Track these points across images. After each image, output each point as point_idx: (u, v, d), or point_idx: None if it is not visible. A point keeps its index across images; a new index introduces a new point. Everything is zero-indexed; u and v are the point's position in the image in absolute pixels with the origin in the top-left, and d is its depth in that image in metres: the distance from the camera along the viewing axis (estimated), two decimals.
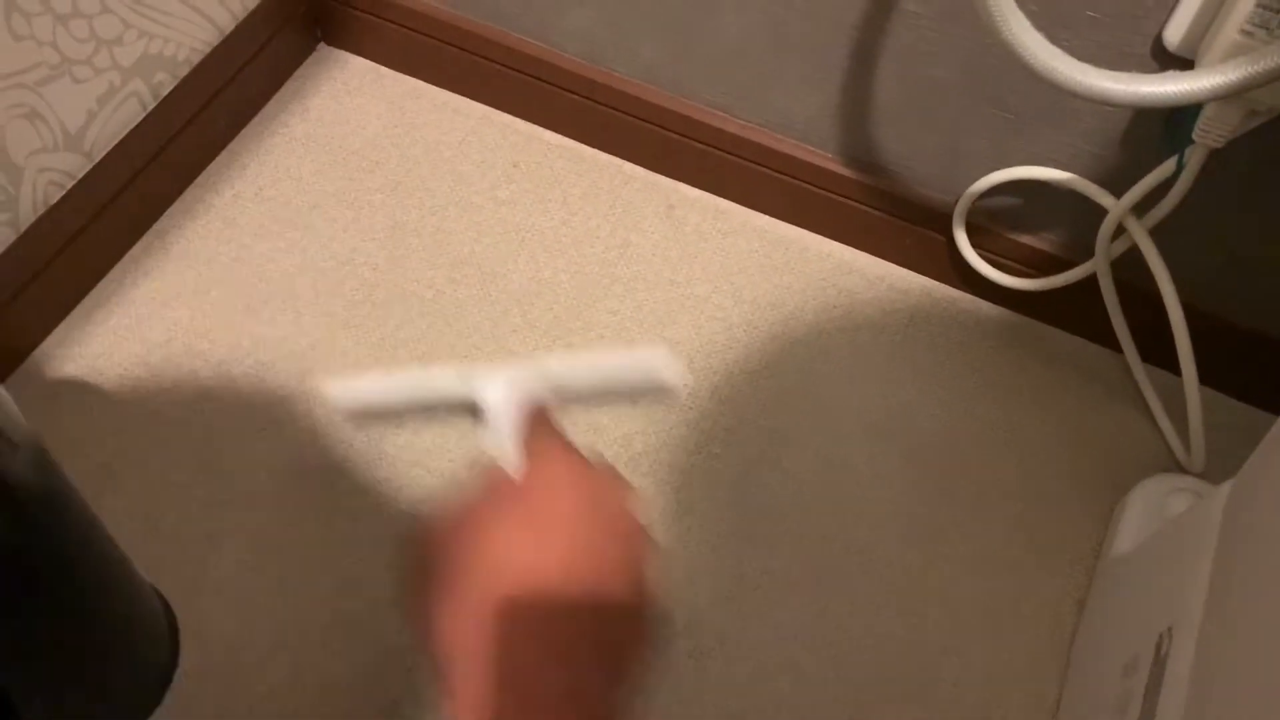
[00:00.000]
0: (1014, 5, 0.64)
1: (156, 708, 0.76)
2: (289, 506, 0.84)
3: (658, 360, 0.47)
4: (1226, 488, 0.67)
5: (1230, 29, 0.66)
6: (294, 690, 0.77)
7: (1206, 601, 0.63)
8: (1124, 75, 0.65)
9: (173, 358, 0.90)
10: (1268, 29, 0.65)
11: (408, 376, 0.47)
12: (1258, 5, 0.64)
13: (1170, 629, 0.66)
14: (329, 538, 0.83)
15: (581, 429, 0.89)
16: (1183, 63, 0.74)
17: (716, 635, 0.81)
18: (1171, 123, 0.77)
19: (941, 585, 0.85)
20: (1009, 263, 0.95)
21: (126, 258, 0.95)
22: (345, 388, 0.46)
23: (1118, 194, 0.83)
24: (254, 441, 0.87)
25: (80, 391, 0.88)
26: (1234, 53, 0.66)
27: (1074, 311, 0.97)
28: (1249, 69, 0.62)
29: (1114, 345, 0.95)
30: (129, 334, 0.91)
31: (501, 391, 0.45)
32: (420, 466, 0.87)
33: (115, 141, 0.90)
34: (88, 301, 0.92)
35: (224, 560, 0.82)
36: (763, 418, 0.92)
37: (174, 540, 0.82)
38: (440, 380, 0.46)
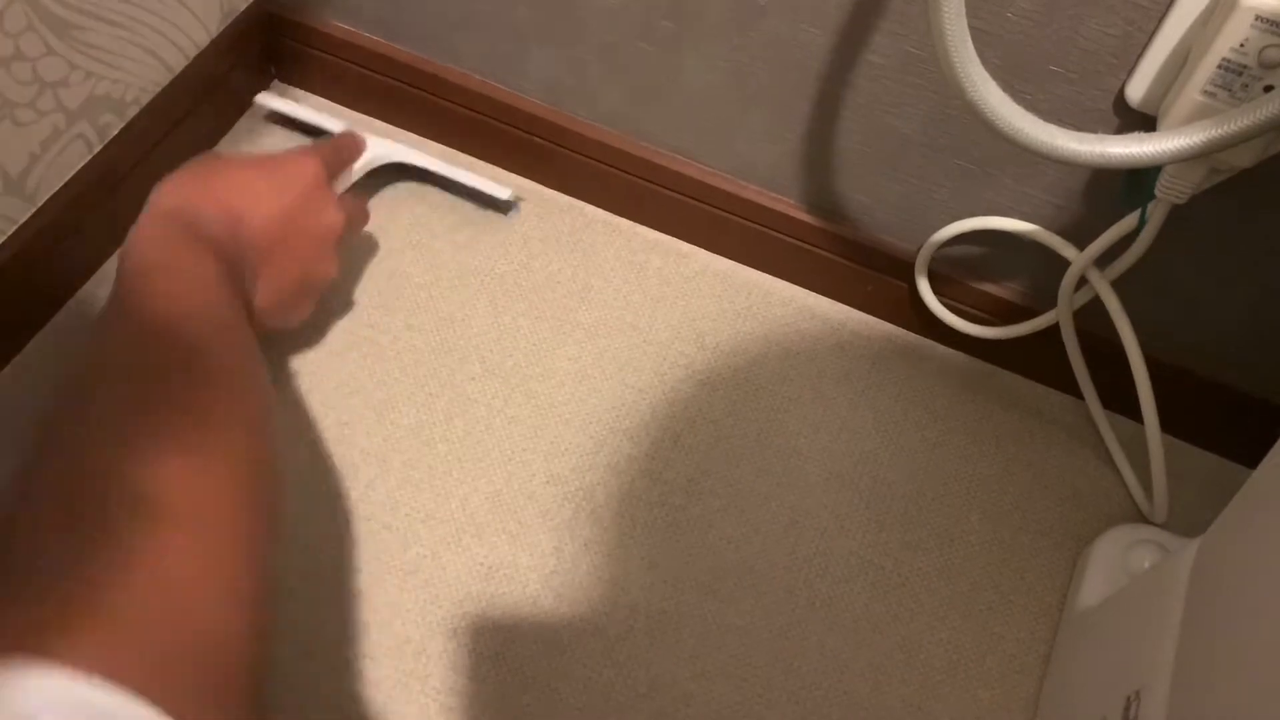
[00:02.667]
0: (980, 66, 0.63)
1: None
2: None
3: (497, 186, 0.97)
4: (1193, 548, 0.67)
5: (1192, 89, 0.66)
6: None
7: (1174, 664, 0.63)
8: (1089, 136, 0.65)
9: None
10: (1230, 90, 0.65)
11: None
12: (1219, 68, 0.65)
13: (1138, 692, 0.65)
14: (280, 599, 0.80)
15: (539, 480, 0.88)
16: (1145, 119, 0.74)
17: (682, 694, 0.80)
18: (1133, 178, 0.77)
19: (906, 639, 0.84)
20: (972, 310, 0.95)
21: (72, 301, 0.92)
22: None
23: (1080, 245, 0.83)
24: None
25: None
26: (1196, 113, 0.67)
27: (1037, 359, 0.97)
28: (1212, 133, 0.63)
29: (1077, 393, 0.95)
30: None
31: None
32: (378, 523, 0.84)
33: (59, 185, 0.87)
34: (29, 350, 0.89)
35: None
36: (726, 468, 0.90)
37: None
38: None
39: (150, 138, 0.94)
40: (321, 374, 0.91)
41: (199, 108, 0.99)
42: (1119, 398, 0.91)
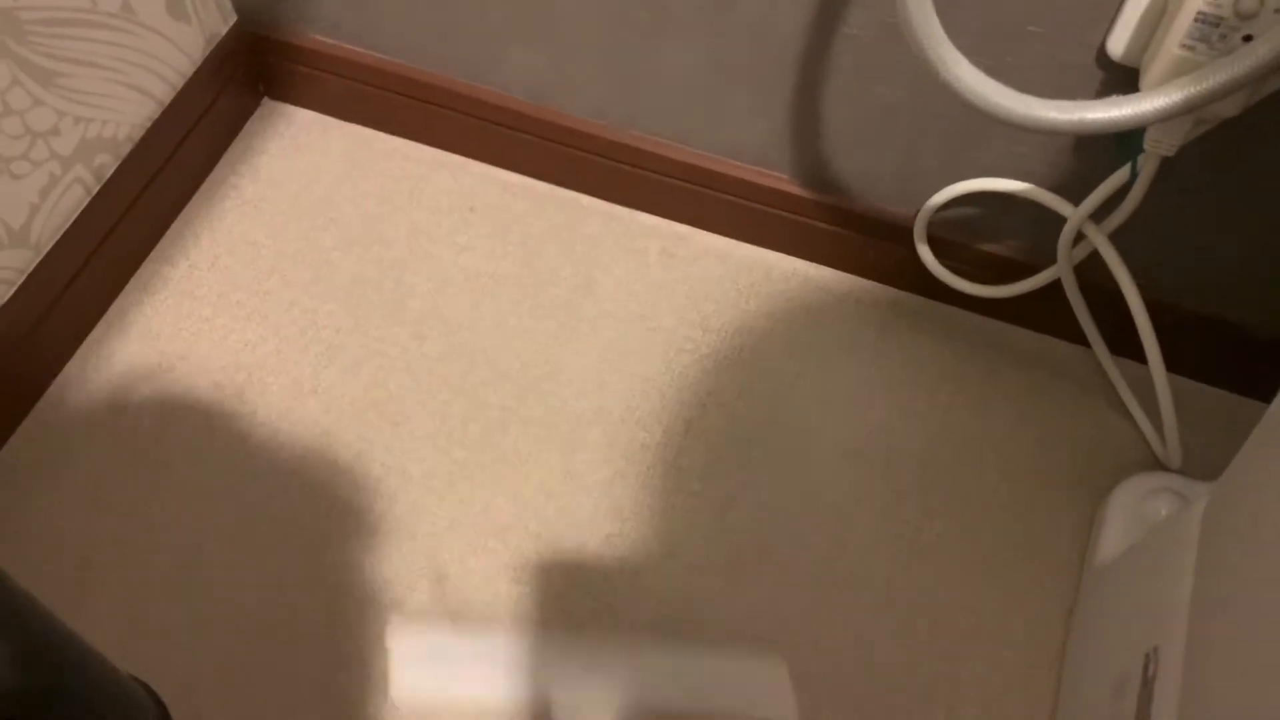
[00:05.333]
0: (950, 47, 0.63)
1: None
2: (273, 584, 0.84)
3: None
4: (1204, 498, 0.67)
5: (1171, 44, 0.65)
6: None
7: (1190, 618, 0.64)
8: (1068, 104, 0.65)
9: (141, 446, 0.89)
10: (1208, 43, 0.64)
11: None
12: (1196, 20, 0.64)
13: (1156, 649, 0.66)
14: (317, 612, 0.83)
15: (557, 477, 0.89)
16: (1128, 73, 0.73)
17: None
18: (1122, 133, 0.76)
19: (932, 606, 0.85)
20: (974, 270, 0.95)
21: (86, 342, 0.94)
22: None
23: (1075, 201, 0.83)
24: (229, 524, 0.86)
25: (48, 491, 0.87)
26: (1176, 67, 0.66)
27: (1042, 314, 0.96)
28: (1192, 90, 0.62)
29: (1084, 342, 0.95)
30: (94, 423, 0.90)
31: None
32: (404, 533, 0.86)
33: (62, 231, 0.88)
34: (51, 393, 0.91)
35: (212, 649, 0.81)
36: (739, 450, 0.91)
37: (159, 632, 0.82)
38: None
39: (147, 171, 0.96)
40: (335, 393, 0.92)
41: (192, 135, 1.00)
42: (1126, 344, 0.91)
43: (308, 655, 0.81)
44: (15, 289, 0.86)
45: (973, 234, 0.93)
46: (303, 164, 1.06)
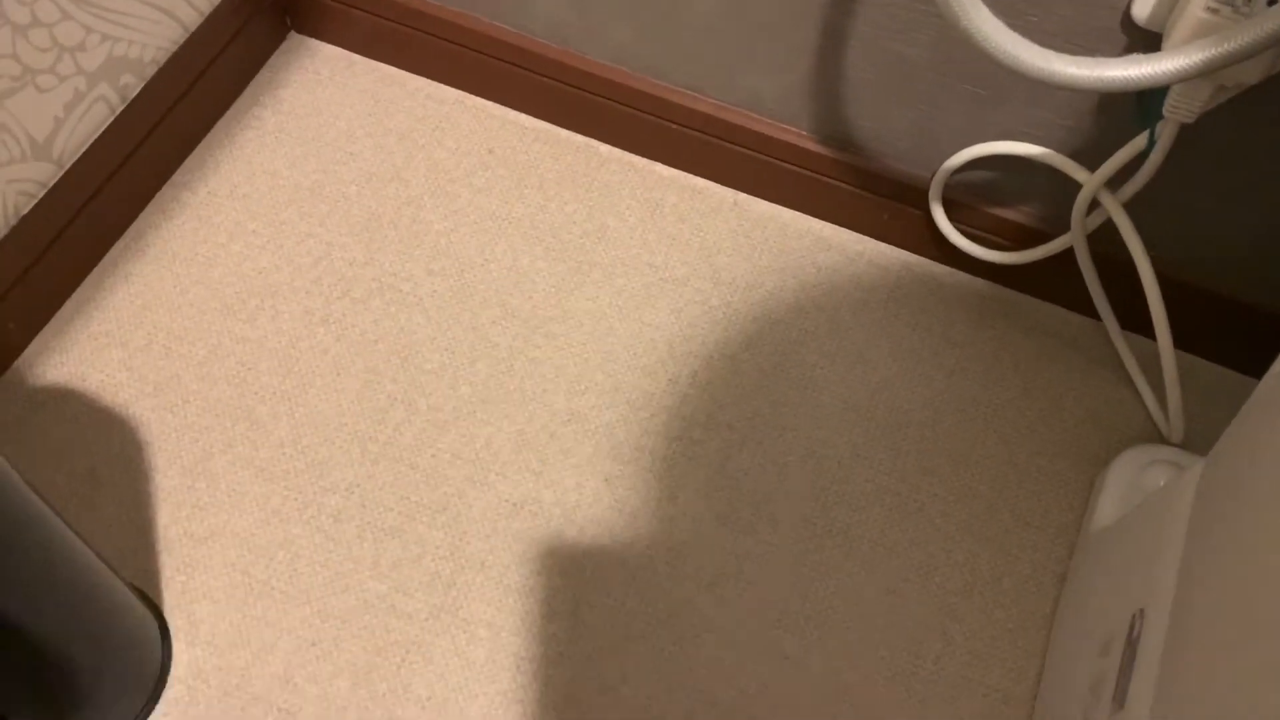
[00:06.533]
0: None
1: (150, 712, 0.78)
2: (274, 506, 0.85)
3: None
4: (1199, 466, 0.68)
5: (1195, 6, 0.65)
6: (287, 689, 0.79)
7: (1177, 583, 0.64)
8: (1087, 60, 0.65)
9: (154, 361, 0.91)
10: (1233, 6, 0.64)
11: None
12: None
13: (1142, 610, 0.67)
14: (317, 531, 0.84)
15: (561, 418, 0.90)
16: (1151, 37, 0.73)
17: (702, 620, 0.82)
18: (1142, 98, 0.76)
19: (923, 562, 0.86)
20: (987, 236, 0.95)
21: (104, 261, 0.95)
22: None
23: (1092, 168, 0.83)
24: (238, 443, 0.88)
25: (63, 400, 0.89)
26: (1200, 30, 0.66)
27: (1053, 283, 0.96)
28: (1212, 51, 0.62)
29: (1094, 314, 0.95)
30: (110, 339, 0.91)
31: None
32: (405, 464, 0.88)
33: (85, 147, 0.89)
34: (67, 308, 0.92)
35: (213, 563, 0.83)
36: (743, 401, 0.92)
37: (163, 545, 0.83)
38: None
39: (171, 95, 0.96)
40: (346, 323, 0.93)
41: (217, 64, 1.01)
42: (1135, 318, 0.91)
43: (306, 576, 0.82)
44: (37, 201, 0.87)
45: (987, 198, 0.93)
46: (325, 99, 1.06)
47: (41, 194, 0.87)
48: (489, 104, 1.07)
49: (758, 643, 0.82)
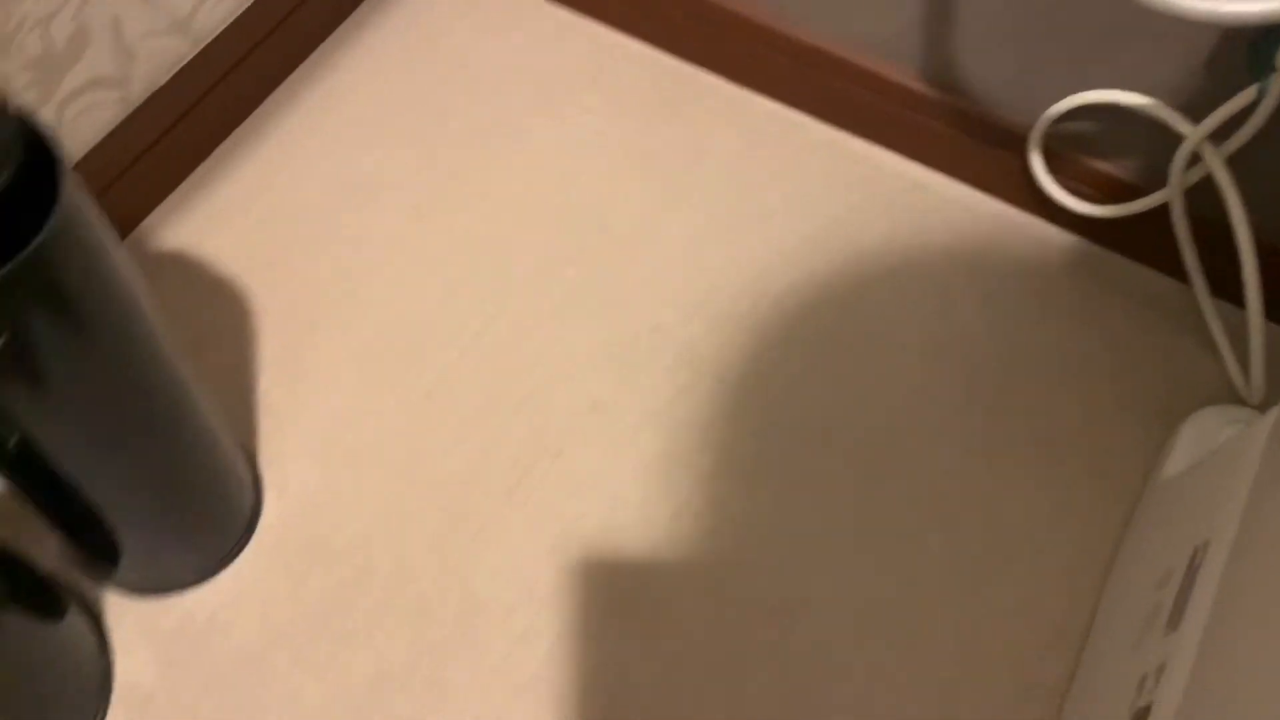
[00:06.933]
0: None
1: (240, 553, 0.83)
2: (370, 380, 0.90)
3: None
4: (1275, 411, 0.68)
5: None
6: (365, 550, 0.83)
7: (1242, 517, 0.65)
8: None
9: (266, 238, 0.96)
10: None
11: None
12: None
13: (1207, 543, 0.67)
14: (407, 409, 0.88)
15: (645, 328, 0.93)
16: None
17: (766, 530, 0.85)
18: (1255, 49, 0.76)
19: (986, 500, 0.87)
20: (1082, 188, 0.95)
21: (230, 139, 1.00)
22: None
23: (1196, 121, 0.83)
24: (339, 320, 0.92)
25: (180, 265, 0.94)
26: None
27: (1144, 241, 0.96)
28: None
29: (1182, 278, 0.95)
30: (228, 213, 0.97)
31: None
32: (494, 355, 0.91)
33: (222, 27, 0.94)
34: (192, 179, 0.98)
35: (308, 427, 0.87)
36: (823, 329, 0.94)
37: (263, 408, 0.88)
38: None
39: None
40: (445, 224, 0.97)
41: None
42: (1225, 283, 0.91)
43: (392, 447, 0.87)
44: (173, 75, 0.92)
45: (1086, 149, 0.94)
46: (443, 12, 1.10)
47: (179, 67, 0.92)
48: (599, 26, 1.10)
49: (810, 564, 0.84)
